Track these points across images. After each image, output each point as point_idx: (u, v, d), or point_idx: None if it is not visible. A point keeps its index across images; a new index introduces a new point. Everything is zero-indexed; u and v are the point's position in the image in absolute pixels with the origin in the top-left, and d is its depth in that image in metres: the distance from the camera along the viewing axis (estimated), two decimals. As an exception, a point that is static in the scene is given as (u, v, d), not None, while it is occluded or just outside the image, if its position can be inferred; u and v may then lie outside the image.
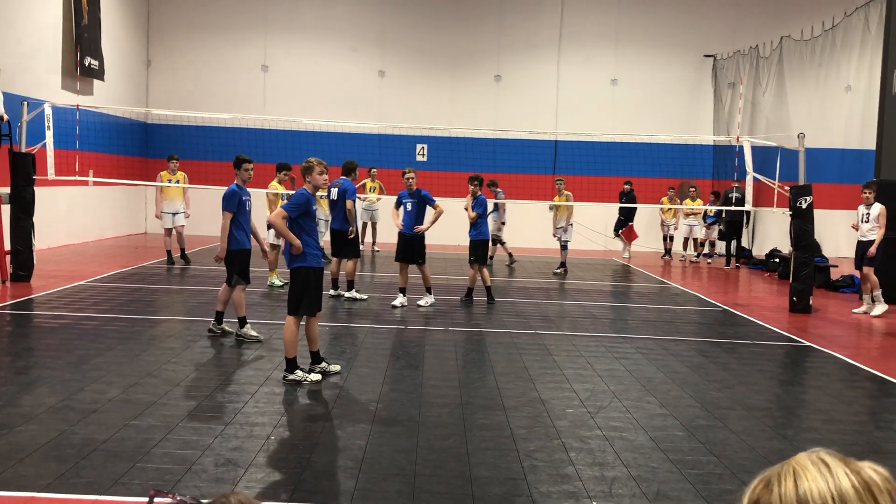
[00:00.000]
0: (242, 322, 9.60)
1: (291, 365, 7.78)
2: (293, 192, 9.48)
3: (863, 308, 13.44)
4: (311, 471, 5.50)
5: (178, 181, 16.33)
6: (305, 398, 7.32)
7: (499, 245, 18.60)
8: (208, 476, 5.26)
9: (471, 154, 22.46)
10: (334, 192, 12.81)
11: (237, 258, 9.57)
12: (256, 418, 6.60)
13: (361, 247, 18.06)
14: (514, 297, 13.69)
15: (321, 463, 5.67)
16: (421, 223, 12.53)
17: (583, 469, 5.66)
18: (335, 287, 13.00)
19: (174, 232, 16.48)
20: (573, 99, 24.13)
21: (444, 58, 24.28)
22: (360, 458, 5.75)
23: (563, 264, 17.78)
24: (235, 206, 9.51)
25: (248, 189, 9.90)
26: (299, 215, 7.83)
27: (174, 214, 16.37)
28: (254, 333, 9.53)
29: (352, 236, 12.71)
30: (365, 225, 20.30)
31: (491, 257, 18.36)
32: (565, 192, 18.01)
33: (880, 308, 13.17)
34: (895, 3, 15.13)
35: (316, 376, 7.81)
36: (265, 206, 14.03)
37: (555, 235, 18.26)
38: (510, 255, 18.66)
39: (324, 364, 8.07)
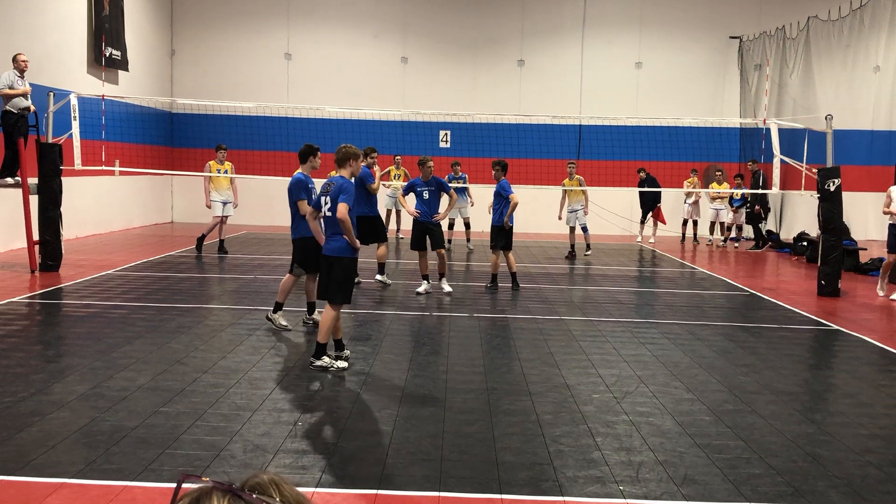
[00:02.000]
0: (277, 307, 9.60)
1: (320, 350, 7.80)
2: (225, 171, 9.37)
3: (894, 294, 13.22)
4: (338, 456, 5.54)
5: (226, 171, 16.42)
6: (332, 384, 7.36)
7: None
8: (237, 462, 5.31)
9: (494, 140, 22.41)
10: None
11: (298, 246, 9.48)
12: (284, 404, 6.65)
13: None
14: (538, 283, 13.67)
15: (348, 448, 5.71)
16: (437, 210, 12.54)
17: (609, 454, 5.66)
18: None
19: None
20: (597, 83, 23.98)
21: (467, 43, 24.20)
22: (387, 444, 5.77)
23: (588, 246, 17.85)
24: (306, 194, 9.24)
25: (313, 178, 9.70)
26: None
27: (224, 203, 16.43)
28: (283, 322, 9.56)
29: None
30: (389, 212, 20.33)
31: (449, 241, 18.44)
32: (577, 176, 17.93)
33: None
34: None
35: (343, 363, 7.85)
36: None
37: (561, 219, 18.15)
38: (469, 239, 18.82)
39: (347, 352, 8.08)
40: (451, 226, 18.79)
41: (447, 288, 12.55)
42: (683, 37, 24.10)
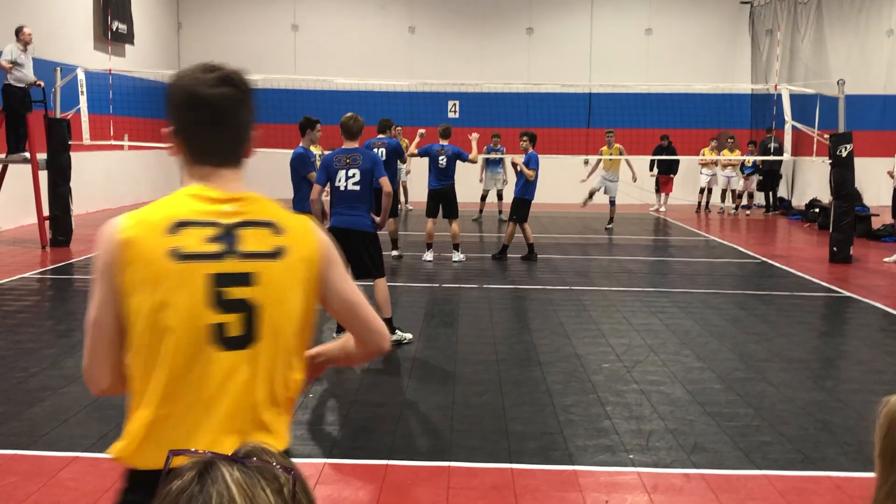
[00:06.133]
0: None
1: (390, 326, 7.69)
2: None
3: (894, 257, 13.19)
4: (348, 427, 5.56)
5: None
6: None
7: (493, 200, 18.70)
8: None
9: (503, 109, 22.25)
10: (382, 151, 12.40)
11: None
12: (294, 377, 6.66)
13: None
14: (548, 253, 13.63)
15: (359, 419, 5.72)
16: (452, 179, 12.53)
17: (619, 423, 5.65)
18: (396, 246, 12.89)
19: None
20: (607, 50, 23.75)
21: (475, 12, 23.99)
22: (398, 415, 5.79)
23: (612, 219, 17.49)
24: (311, 168, 9.08)
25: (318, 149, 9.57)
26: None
27: None
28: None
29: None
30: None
31: (481, 211, 18.35)
32: (616, 144, 17.62)
33: None
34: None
35: (409, 334, 7.83)
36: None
37: (594, 192, 17.70)
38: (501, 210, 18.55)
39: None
40: (483, 197, 18.66)
41: (458, 258, 12.54)
42: (694, 3, 23.83)
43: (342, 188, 7.55)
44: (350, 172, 7.53)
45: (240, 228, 2.03)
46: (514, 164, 12.88)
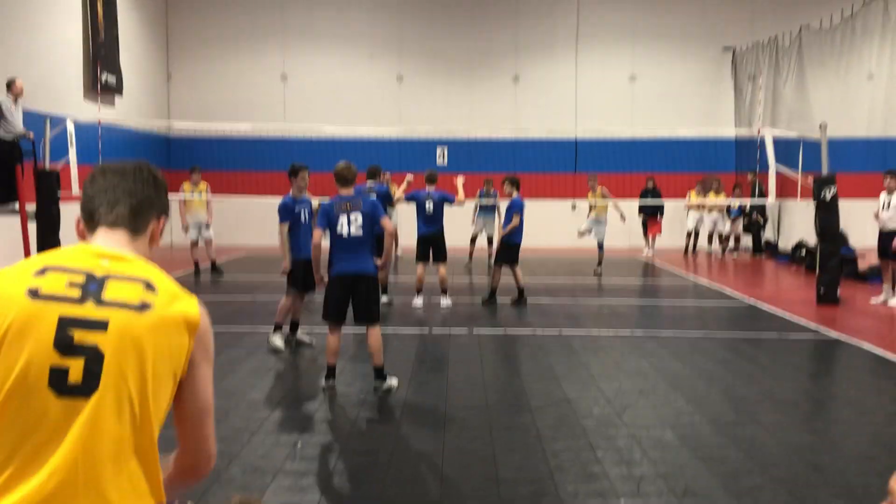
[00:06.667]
0: (276, 328, 9.62)
1: (381, 373, 7.67)
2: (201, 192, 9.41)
3: (882, 297, 13.29)
4: (338, 476, 5.53)
5: (200, 193, 16.47)
6: (332, 405, 7.35)
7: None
8: (236, 484, 5.30)
9: (491, 155, 22.44)
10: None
11: (294, 268, 9.51)
12: (283, 426, 6.64)
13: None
14: (538, 297, 13.66)
15: (348, 468, 5.70)
16: (441, 223, 12.64)
17: (610, 468, 5.64)
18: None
19: (200, 243, 16.64)
20: (592, 97, 24.04)
21: (462, 60, 24.28)
22: (387, 463, 5.76)
23: (600, 262, 17.55)
24: (288, 217, 9.43)
25: (309, 196, 9.80)
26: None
27: (200, 226, 16.52)
28: (278, 343, 9.56)
29: None
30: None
31: (471, 256, 18.41)
32: (600, 188, 17.75)
33: None
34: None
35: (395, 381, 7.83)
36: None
37: (583, 233, 17.88)
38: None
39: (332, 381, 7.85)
40: (473, 239, 18.74)
41: (446, 303, 12.60)
42: (676, 49, 24.18)
43: (345, 234, 7.59)
44: (352, 217, 7.59)
45: (110, 280, 2.01)
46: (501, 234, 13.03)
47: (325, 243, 7.68)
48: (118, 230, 2.15)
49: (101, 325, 1.94)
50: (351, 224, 7.58)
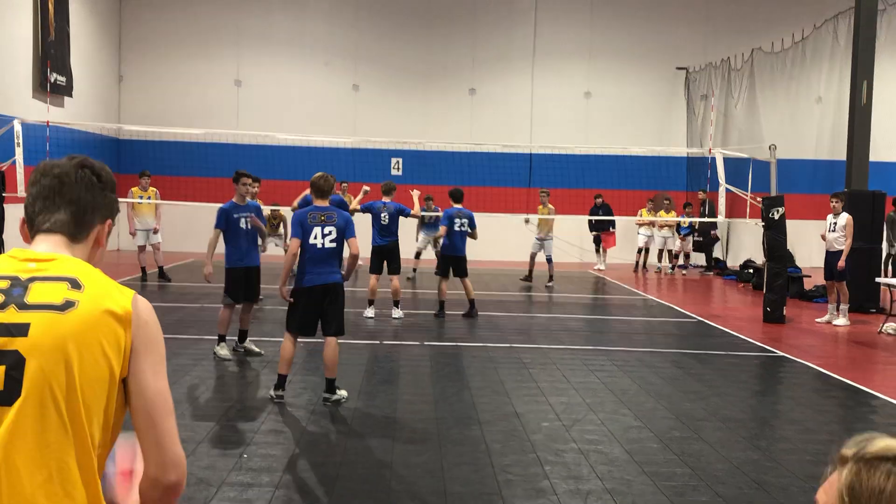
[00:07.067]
0: (220, 339, 9.50)
1: (332, 385, 7.67)
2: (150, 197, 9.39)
3: (826, 318, 13.55)
4: (284, 488, 5.44)
5: (149, 198, 16.23)
6: (280, 416, 7.25)
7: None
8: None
9: (446, 167, 22.45)
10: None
11: (228, 277, 9.42)
12: (229, 437, 6.53)
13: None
14: (489, 311, 13.68)
15: (294, 480, 5.61)
16: (396, 235, 12.63)
17: (558, 483, 5.64)
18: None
19: (148, 248, 16.39)
20: (547, 112, 24.20)
21: (419, 72, 24.29)
22: (334, 475, 5.69)
23: (551, 277, 17.79)
24: (222, 223, 9.39)
25: (259, 203, 9.72)
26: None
27: (148, 231, 16.27)
28: (224, 353, 9.42)
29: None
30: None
31: (415, 270, 18.41)
32: (549, 205, 18.01)
33: (843, 321, 13.26)
34: (863, 15, 15.33)
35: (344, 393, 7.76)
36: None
37: (535, 250, 18.18)
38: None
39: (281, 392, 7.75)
40: (417, 255, 18.70)
41: (397, 314, 12.56)
42: (631, 67, 24.47)
43: (319, 245, 7.60)
44: (326, 230, 7.63)
45: (34, 282, 1.95)
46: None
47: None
48: (56, 235, 2.08)
49: (22, 330, 1.87)
50: (326, 237, 7.62)
